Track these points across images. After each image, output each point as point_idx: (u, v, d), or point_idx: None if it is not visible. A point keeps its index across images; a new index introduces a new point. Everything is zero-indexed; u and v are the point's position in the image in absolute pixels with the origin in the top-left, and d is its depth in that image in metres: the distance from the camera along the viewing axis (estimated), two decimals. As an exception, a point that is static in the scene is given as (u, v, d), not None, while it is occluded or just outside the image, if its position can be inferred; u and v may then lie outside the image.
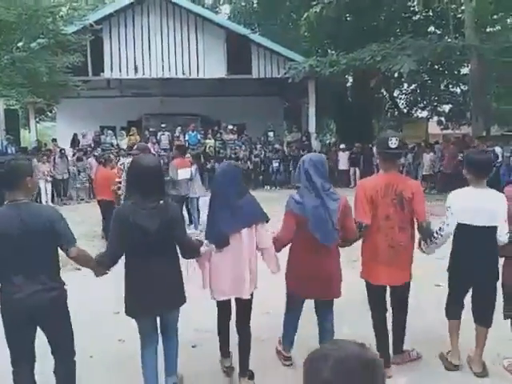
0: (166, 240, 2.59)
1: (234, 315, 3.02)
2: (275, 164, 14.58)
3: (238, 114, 16.59)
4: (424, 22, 18.05)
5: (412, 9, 17.51)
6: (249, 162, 14.63)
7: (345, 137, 16.65)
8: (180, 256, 2.75)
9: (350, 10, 15.51)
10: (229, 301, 2.97)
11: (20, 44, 13.16)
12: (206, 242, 2.84)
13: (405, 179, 3.16)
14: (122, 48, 15.38)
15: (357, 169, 14.27)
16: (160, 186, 2.66)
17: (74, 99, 16.09)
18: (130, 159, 7.32)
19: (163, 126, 15.54)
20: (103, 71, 15.41)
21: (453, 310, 3.14)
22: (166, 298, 2.65)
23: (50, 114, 20.67)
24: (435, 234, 3.00)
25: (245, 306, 2.93)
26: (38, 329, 2.51)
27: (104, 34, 15.09)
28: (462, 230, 2.97)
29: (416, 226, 3.03)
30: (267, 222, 2.87)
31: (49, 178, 12.31)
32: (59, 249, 2.50)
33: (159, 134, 15.31)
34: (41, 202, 11.90)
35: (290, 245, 3.00)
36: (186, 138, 15.04)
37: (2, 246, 2.37)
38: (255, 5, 20.51)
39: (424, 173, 13.14)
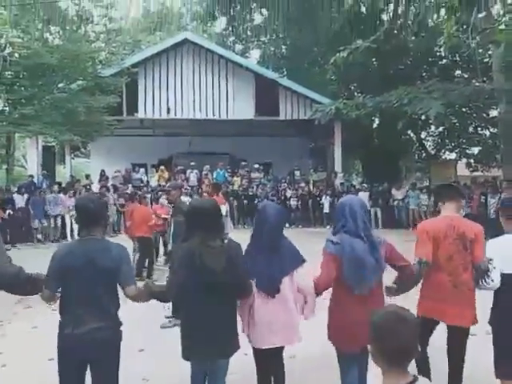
0: (229, 281, 2.55)
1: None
2: (293, 202, 14.59)
3: (264, 153, 16.90)
4: (451, 66, 18.21)
5: (438, 54, 17.74)
6: (265, 200, 14.71)
7: (371, 178, 16.61)
8: None
9: (376, 54, 15.86)
10: (272, 350, 2.82)
11: (60, 85, 13.99)
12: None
13: (467, 221, 3.14)
14: (156, 90, 16.08)
15: (378, 209, 14.13)
16: (220, 226, 2.71)
17: (108, 137, 16.76)
18: (187, 197, 7.52)
19: (192, 164, 15.94)
20: (137, 111, 16.08)
21: (503, 368, 2.85)
22: (222, 344, 2.60)
23: (84, 151, 21.50)
24: (484, 282, 2.86)
25: (277, 353, 2.86)
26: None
27: (139, 77, 15.83)
28: (506, 281, 2.81)
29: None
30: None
31: (72, 213, 12.56)
32: None
33: (188, 171, 15.68)
34: (66, 235, 12.26)
35: (331, 295, 2.86)
36: (214, 176, 15.35)
37: (67, 280, 2.41)
38: (284, 50, 21.23)
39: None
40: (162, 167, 15.95)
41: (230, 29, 22.05)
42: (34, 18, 12.64)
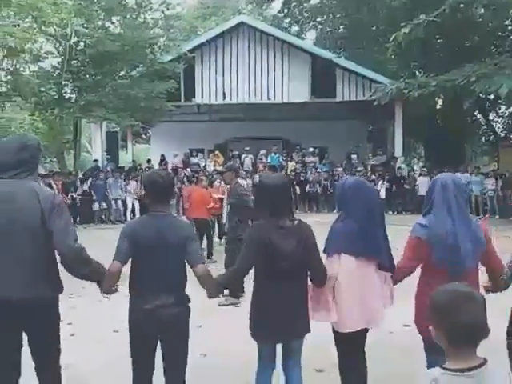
0: (301, 262, 2.48)
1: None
2: None
3: (319, 137, 16.62)
4: (525, 40, 16.82)
5: (510, 27, 16.44)
6: (318, 185, 14.50)
7: (434, 161, 15.87)
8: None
9: (440, 30, 14.97)
10: (355, 333, 2.64)
11: (122, 73, 14.51)
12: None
13: None
14: (212, 75, 16.20)
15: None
16: (291, 205, 2.61)
17: (167, 123, 17.22)
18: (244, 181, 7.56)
19: (247, 149, 16.02)
20: (194, 97, 16.30)
21: None
22: (294, 325, 2.52)
23: (144, 137, 22.28)
24: None
25: (362, 335, 2.69)
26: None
27: (196, 62, 15.99)
28: None
29: None
30: None
31: (136, 196, 13.05)
32: None
33: (243, 156, 15.79)
34: (126, 218, 12.77)
35: (419, 280, 2.65)
36: (269, 160, 15.35)
37: (137, 254, 2.40)
38: (341, 30, 20.62)
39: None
40: (217, 152, 16.17)
41: (286, 10, 21.74)
42: (97, 7, 13.12)
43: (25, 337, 2.35)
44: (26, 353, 2.36)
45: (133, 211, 12.99)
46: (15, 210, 2.23)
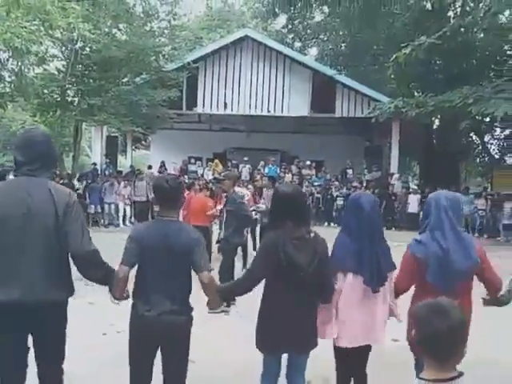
0: (313, 275, 2.41)
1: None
2: (340, 202, 14.18)
3: (317, 150, 16.81)
4: (522, 65, 17.11)
5: (509, 52, 16.75)
6: (310, 198, 14.59)
7: (428, 180, 16.05)
8: None
9: (440, 52, 15.27)
10: (356, 349, 2.64)
11: (125, 79, 14.63)
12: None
13: None
14: (215, 85, 16.39)
15: (429, 213, 13.58)
16: (308, 216, 2.58)
17: (168, 130, 17.33)
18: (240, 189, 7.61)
19: (245, 159, 16.16)
20: (196, 106, 16.47)
21: None
22: (301, 338, 2.48)
23: (144, 143, 22.35)
24: None
25: (365, 352, 2.71)
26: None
27: (199, 72, 16.13)
28: None
29: None
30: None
31: (127, 201, 13.18)
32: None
33: (241, 166, 15.93)
34: (119, 223, 12.91)
35: (412, 299, 2.61)
36: (266, 172, 15.50)
37: (143, 261, 2.35)
38: (343, 47, 20.95)
39: (505, 222, 12.55)
40: (216, 160, 16.31)
41: (290, 26, 22.08)
42: (104, 14, 13.25)
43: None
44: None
45: (124, 216, 13.12)
46: (29, 209, 2.16)
